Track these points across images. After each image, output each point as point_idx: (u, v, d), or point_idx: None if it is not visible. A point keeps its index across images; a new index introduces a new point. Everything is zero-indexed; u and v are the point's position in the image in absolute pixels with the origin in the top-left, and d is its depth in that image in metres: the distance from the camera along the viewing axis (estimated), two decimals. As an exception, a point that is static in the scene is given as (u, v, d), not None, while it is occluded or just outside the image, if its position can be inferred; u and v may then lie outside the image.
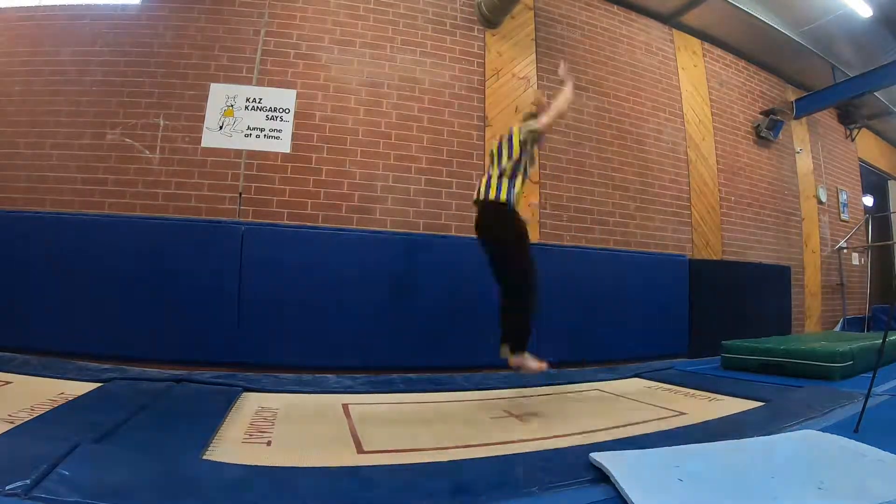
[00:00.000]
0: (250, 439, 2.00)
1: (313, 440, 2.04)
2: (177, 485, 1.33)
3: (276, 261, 3.48)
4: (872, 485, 1.37)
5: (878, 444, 1.67)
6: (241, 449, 1.87)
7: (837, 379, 3.27)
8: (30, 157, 3.74)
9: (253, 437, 2.02)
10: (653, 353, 4.62)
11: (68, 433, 1.65)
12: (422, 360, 3.70)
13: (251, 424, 2.21)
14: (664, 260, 5.05)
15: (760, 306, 5.54)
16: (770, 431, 2.04)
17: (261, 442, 1.97)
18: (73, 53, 3.92)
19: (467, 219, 4.32)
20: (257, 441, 1.98)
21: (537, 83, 4.81)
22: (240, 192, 3.85)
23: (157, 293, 3.32)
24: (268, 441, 1.99)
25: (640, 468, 1.49)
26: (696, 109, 5.85)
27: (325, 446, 1.96)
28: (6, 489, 1.15)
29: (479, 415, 2.57)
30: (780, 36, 5.89)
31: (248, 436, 2.04)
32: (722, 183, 5.94)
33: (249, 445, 1.92)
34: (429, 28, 4.54)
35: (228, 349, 3.34)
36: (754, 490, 1.35)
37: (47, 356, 3.10)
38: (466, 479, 1.49)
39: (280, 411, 2.46)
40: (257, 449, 1.88)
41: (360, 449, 1.96)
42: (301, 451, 1.88)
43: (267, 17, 4.16)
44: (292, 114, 4.03)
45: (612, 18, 5.48)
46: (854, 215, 7.78)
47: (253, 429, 2.15)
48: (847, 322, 7.23)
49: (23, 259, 3.26)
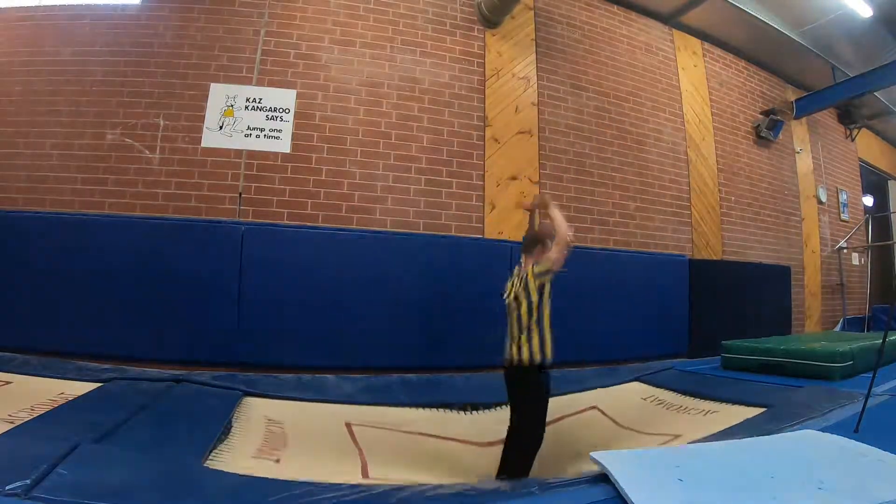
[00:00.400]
0: (260, 454, 2.00)
1: (321, 464, 2.03)
2: (176, 486, 1.33)
3: (276, 261, 3.48)
4: (872, 485, 1.37)
5: (878, 444, 1.67)
6: (251, 464, 1.87)
7: (837, 379, 3.27)
8: (30, 157, 3.73)
9: (263, 453, 2.02)
10: (653, 353, 4.62)
11: (68, 433, 1.65)
12: (421, 361, 3.70)
13: (264, 440, 2.21)
14: (664, 260, 5.05)
15: (760, 306, 5.54)
16: (770, 431, 2.04)
17: (269, 458, 1.97)
18: (73, 53, 3.91)
19: (467, 219, 4.34)
20: (266, 457, 1.98)
21: (537, 83, 4.81)
22: (240, 192, 3.85)
23: (157, 293, 3.32)
24: (277, 459, 1.99)
25: (640, 468, 1.49)
26: (696, 109, 5.85)
27: (331, 473, 1.94)
28: (6, 489, 1.15)
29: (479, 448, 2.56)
30: (780, 36, 5.88)
31: (259, 451, 2.04)
32: (722, 183, 5.93)
33: (259, 461, 1.92)
34: (429, 28, 4.54)
35: (228, 349, 3.34)
36: (754, 490, 1.35)
37: (47, 356, 3.09)
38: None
39: (287, 426, 2.45)
40: (266, 465, 1.89)
41: (365, 475, 1.97)
42: (310, 471, 1.86)
43: (267, 17, 4.15)
44: (292, 114, 4.03)
45: (612, 18, 5.48)
46: (854, 215, 7.78)
47: (266, 445, 2.14)
48: (847, 322, 7.22)
49: (23, 259, 3.26)
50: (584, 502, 1.35)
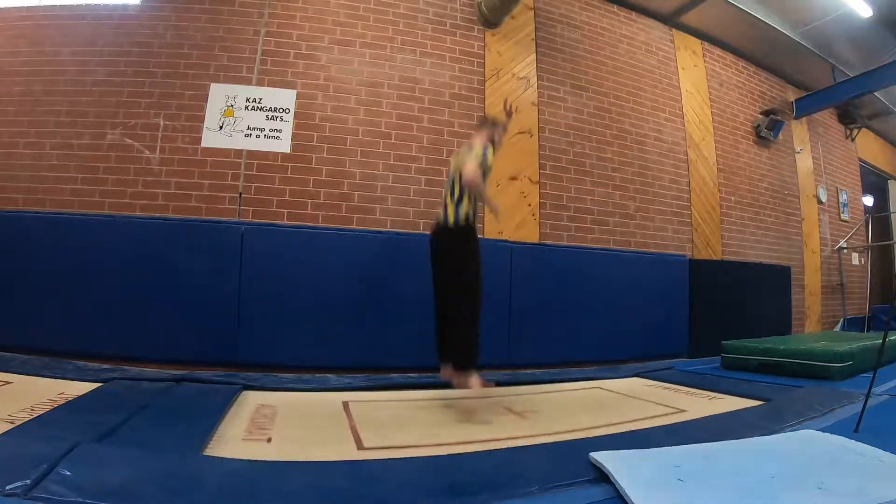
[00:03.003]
0: (250, 437, 2.00)
1: (313, 437, 2.04)
2: (177, 484, 1.33)
3: (276, 261, 3.48)
4: (872, 485, 1.37)
5: (878, 444, 1.67)
6: (242, 446, 1.87)
7: (837, 379, 3.27)
8: (30, 157, 3.74)
9: (253, 435, 2.03)
10: (653, 353, 4.62)
11: (68, 433, 1.65)
12: (421, 360, 3.69)
13: (252, 421, 2.21)
14: (664, 260, 5.05)
15: (760, 306, 5.54)
16: (770, 431, 2.04)
17: (261, 439, 1.98)
18: (74, 53, 3.91)
19: (467, 219, 4.33)
20: (257, 438, 1.98)
21: (537, 83, 4.81)
22: (240, 192, 3.85)
23: (157, 293, 3.32)
24: (268, 438, 1.99)
25: (640, 468, 1.49)
26: (696, 109, 5.85)
27: (325, 443, 1.97)
28: (6, 489, 1.15)
29: (481, 413, 2.57)
30: (780, 36, 5.89)
31: (249, 433, 2.05)
32: (722, 183, 5.94)
33: (250, 443, 1.92)
34: (429, 28, 4.54)
35: (228, 349, 3.34)
36: (754, 490, 1.35)
37: (47, 356, 3.10)
38: (465, 476, 1.49)
39: (280, 408, 2.47)
40: (257, 446, 1.89)
41: (360, 445, 1.97)
42: (302, 447, 1.88)
43: (267, 17, 4.16)
44: (292, 114, 4.03)
45: (612, 18, 5.48)
46: (854, 215, 7.78)
47: (253, 426, 2.15)
48: (847, 322, 7.23)
49: (23, 259, 3.26)
50: (584, 502, 1.35)
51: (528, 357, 3.99)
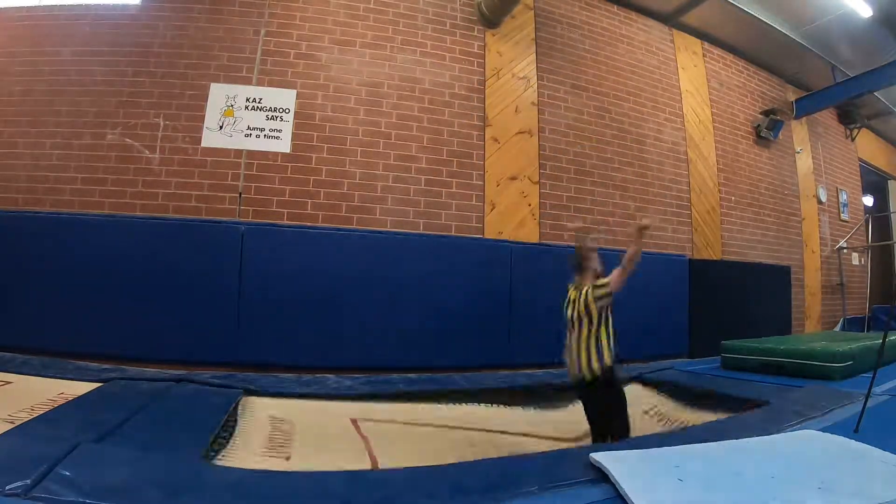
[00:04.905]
0: (268, 454, 2.01)
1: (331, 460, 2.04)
2: (176, 483, 1.33)
3: (276, 261, 3.48)
4: (872, 485, 1.37)
5: (878, 444, 1.67)
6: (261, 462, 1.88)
7: (837, 379, 3.27)
8: (30, 157, 3.73)
9: (271, 452, 2.03)
10: (653, 353, 4.61)
11: (68, 433, 1.65)
12: (421, 360, 3.69)
13: (270, 439, 2.21)
14: (664, 260, 5.04)
15: (760, 306, 5.53)
16: (770, 431, 2.04)
17: (280, 456, 1.98)
18: (73, 53, 3.91)
19: (467, 219, 4.33)
20: (276, 456, 1.99)
21: (537, 83, 4.81)
22: (240, 192, 3.85)
23: (157, 293, 3.32)
24: (287, 456, 2.00)
25: (640, 468, 1.49)
26: (696, 109, 5.85)
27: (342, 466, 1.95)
28: (6, 489, 1.15)
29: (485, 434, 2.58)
30: (780, 36, 5.88)
31: (267, 449, 2.05)
32: (722, 183, 5.93)
33: (266, 459, 1.93)
34: (429, 28, 4.54)
35: (228, 349, 3.34)
36: (754, 490, 1.35)
37: (47, 356, 3.09)
38: (467, 477, 1.49)
39: (293, 426, 2.46)
40: (276, 463, 1.90)
41: (374, 465, 1.98)
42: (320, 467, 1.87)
43: (267, 17, 4.15)
44: (292, 114, 4.03)
45: (612, 18, 5.47)
46: (854, 215, 7.78)
47: (272, 444, 2.15)
48: (847, 322, 7.22)
49: (23, 259, 3.26)
50: (584, 502, 1.35)
51: (528, 357, 3.99)
